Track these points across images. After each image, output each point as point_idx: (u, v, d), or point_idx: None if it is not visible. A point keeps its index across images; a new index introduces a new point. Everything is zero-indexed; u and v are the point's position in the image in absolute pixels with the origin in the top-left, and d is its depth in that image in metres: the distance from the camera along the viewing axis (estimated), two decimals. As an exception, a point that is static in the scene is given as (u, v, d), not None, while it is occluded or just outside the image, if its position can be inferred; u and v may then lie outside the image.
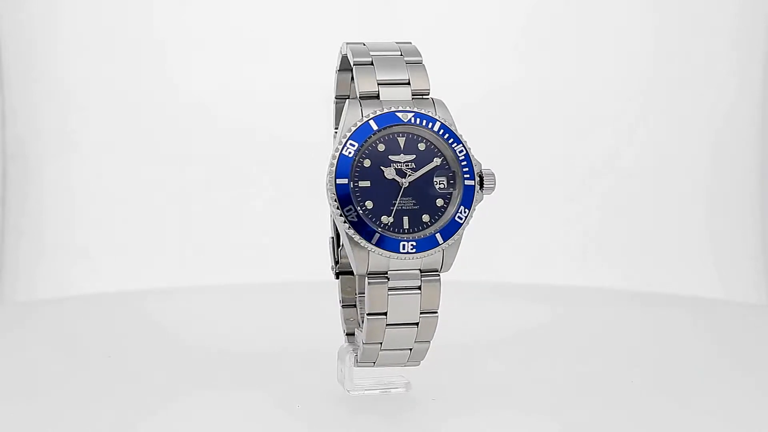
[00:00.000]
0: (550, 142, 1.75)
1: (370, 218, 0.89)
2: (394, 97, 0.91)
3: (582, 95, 1.74)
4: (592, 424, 0.91)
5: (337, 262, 1.01)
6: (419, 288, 0.90)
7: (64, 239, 1.74)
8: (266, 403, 0.96)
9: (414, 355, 0.94)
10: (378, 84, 0.91)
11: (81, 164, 1.73)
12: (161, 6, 1.73)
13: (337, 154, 0.89)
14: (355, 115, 0.90)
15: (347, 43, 0.95)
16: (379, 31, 1.06)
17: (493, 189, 0.93)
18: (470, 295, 1.38)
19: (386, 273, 0.90)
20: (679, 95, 1.75)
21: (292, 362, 1.08)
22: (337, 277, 1.01)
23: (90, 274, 1.72)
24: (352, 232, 0.88)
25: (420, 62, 0.94)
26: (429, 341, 0.93)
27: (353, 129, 0.89)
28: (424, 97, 0.92)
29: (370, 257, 0.89)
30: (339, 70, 0.99)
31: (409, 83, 0.92)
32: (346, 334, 1.00)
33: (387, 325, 0.91)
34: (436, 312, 0.92)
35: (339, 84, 1.00)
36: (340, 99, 1.00)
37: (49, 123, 1.72)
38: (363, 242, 0.88)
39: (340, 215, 0.88)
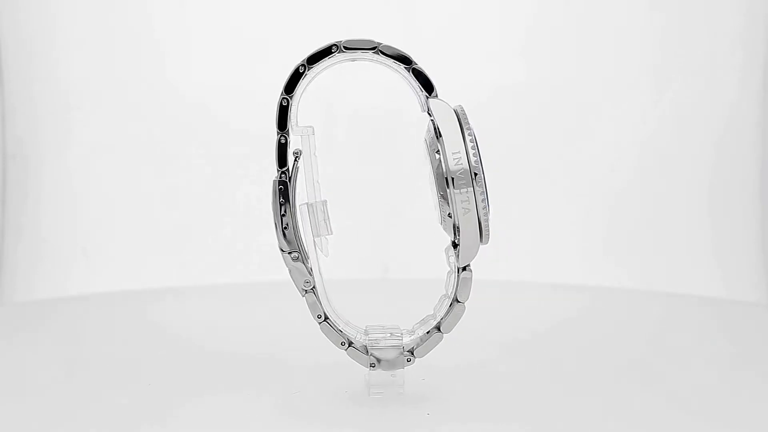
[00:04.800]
0: (552, 143, 1.75)
1: None
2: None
3: (584, 96, 1.74)
4: (593, 423, 0.91)
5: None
6: None
7: (63, 239, 1.74)
8: (270, 404, 0.95)
9: None
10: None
11: (80, 164, 1.73)
12: (160, 7, 1.73)
13: (478, 152, 0.91)
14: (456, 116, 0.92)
15: (381, 44, 0.93)
16: (380, 33, 1.05)
17: None
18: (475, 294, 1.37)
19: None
20: (682, 96, 1.75)
21: (293, 362, 1.08)
22: (304, 294, 0.96)
23: (89, 274, 1.72)
24: (487, 225, 0.91)
25: None
26: None
27: (472, 128, 0.91)
28: None
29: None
30: (309, 66, 0.93)
31: None
32: (350, 345, 0.96)
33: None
34: None
35: (292, 81, 0.94)
36: (288, 98, 0.95)
37: (48, 123, 1.72)
38: (487, 235, 0.92)
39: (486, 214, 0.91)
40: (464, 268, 0.93)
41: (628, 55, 1.74)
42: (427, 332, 0.95)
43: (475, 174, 0.90)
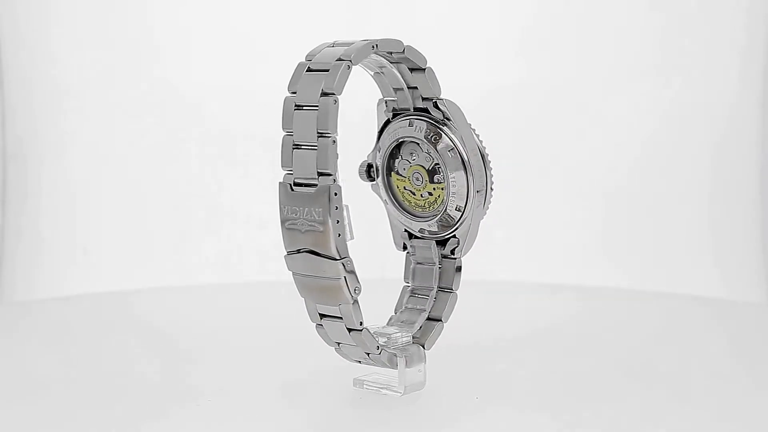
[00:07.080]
0: (551, 143, 1.75)
1: None
2: None
3: (583, 96, 1.74)
4: (593, 422, 0.91)
5: None
6: None
7: (63, 239, 1.74)
8: (275, 405, 0.96)
9: None
10: None
11: (80, 164, 1.73)
12: (158, 8, 1.73)
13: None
14: None
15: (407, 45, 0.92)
16: (380, 32, 1.05)
17: None
18: (475, 293, 1.37)
19: None
20: (681, 96, 1.75)
21: (293, 362, 1.08)
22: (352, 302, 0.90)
23: (89, 274, 1.72)
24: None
25: None
26: None
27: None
28: None
29: None
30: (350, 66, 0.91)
31: None
32: (380, 348, 0.93)
33: None
34: None
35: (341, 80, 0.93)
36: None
37: (48, 123, 1.72)
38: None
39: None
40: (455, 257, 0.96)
41: (628, 54, 1.74)
42: (420, 326, 0.97)
43: (489, 168, 0.93)
